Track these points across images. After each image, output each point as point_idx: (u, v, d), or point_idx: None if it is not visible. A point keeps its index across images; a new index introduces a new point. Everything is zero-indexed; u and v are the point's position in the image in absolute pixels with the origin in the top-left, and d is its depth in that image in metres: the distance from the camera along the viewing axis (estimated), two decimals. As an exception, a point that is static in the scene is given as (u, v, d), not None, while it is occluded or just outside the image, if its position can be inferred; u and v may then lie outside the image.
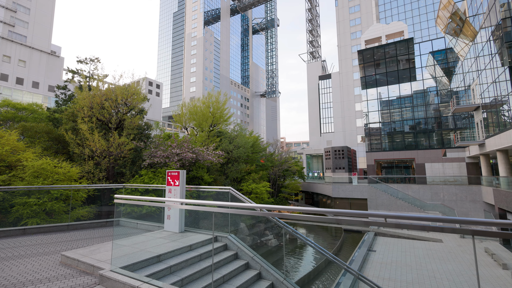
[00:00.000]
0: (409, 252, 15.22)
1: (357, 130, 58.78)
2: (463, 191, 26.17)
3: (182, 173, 6.65)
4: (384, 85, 39.60)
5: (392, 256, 14.40)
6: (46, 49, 38.37)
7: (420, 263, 12.89)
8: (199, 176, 17.28)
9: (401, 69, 38.12)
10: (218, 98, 21.92)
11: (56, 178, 10.61)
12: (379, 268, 12.38)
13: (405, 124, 37.66)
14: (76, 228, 7.51)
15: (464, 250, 14.94)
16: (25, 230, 6.83)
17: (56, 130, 14.41)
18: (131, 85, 15.36)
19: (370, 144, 40.46)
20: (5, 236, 6.61)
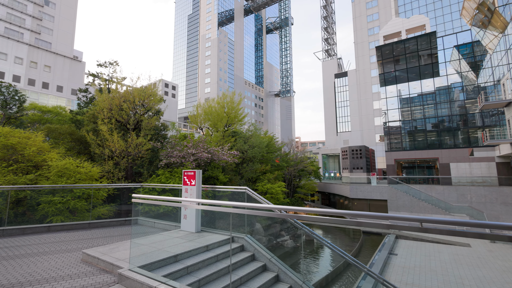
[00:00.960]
0: (433, 257, 14.49)
1: (375, 129, 57.12)
2: (493, 193, 24.60)
3: (198, 173, 6.62)
4: (405, 82, 38.12)
5: (415, 261, 13.77)
6: (69, 55, 40.15)
7: (446, 269, 12.22)
8: (215, 176, 17.34)
9: (422, 64, 36.54)
10: (232, 98, 21.96)
11: (79, 177, 10.95)
12: (401, 273, 11.85)
13: (427, 122, 36.06)
14: (97, 226, 7.68)
15: (495, 256, 14.03)
16: (50, 228, 7.07)
17: (78, 132, 14.94)
18: (148, 86, 15.68)
19: (390, 143, 39.11)
20: (31, 233, 6.86)
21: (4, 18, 34.15)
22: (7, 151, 10.72)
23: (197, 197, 6.50)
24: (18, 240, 6.19)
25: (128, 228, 7.53)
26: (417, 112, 37.23)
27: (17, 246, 5.82)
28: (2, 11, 34.11)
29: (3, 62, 32.56)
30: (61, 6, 40.59)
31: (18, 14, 35.51)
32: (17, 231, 6.73)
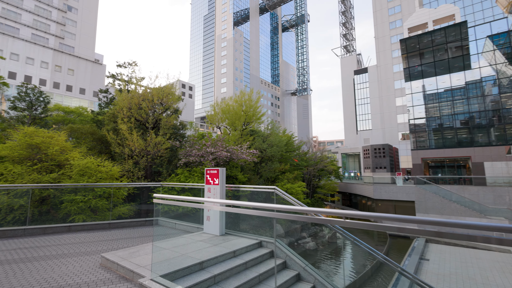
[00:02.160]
0: (471, 263, 13.26)
1: (398, 127, 54.84)
2: None
3: (222, 171, 6.14)
4: (432, 76, 35.97)
5: (450, 267, 12.63)
6: (90, 58, 41.44)
7: (487, 277, 11.06)
8: (233, 175, 16.94)
9: (451, 57, 34.28)
10: (250, 96, 21.48)
11: (100, 176, 10.87)
12: (436, 280, 10.85)
13: (456, 118, 33.78)
14: (117, 227, 7.41)
15: (547, 264, 12.60)
16: (70, 227, 6.87)
17: (99, 131, 15.03)
18: (166, 85, 15.54)
19: (416, 142, 37.06)
20: (52, 233, 6.68)
21: (31, 25, 35.79)
22: (32, 150, 10.81)
23: (221, 197, 6.03)
24: (38, 240, 5.99)
25: (148, 229, 7.20)
26: (445, 108, 34.99)
27: (37, 247, 5.59)
28: (29, 18, 35.81)
29: (31, 66, 34.09)
30: (83, 11, 42.04)
31: (43, 20, 37.10)
32: (38, 231, 6.56)
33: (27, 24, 35.17)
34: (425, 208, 26.65)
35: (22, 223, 9.53)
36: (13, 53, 33.24)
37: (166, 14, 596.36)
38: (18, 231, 6.36)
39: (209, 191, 6.21)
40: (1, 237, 6.25)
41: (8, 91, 14.69)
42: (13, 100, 14.06)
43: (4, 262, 4.75)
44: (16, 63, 32.60)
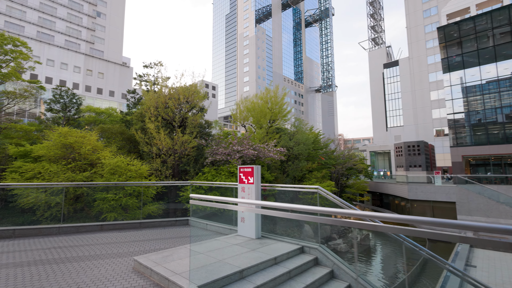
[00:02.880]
0: None
1: (433, 123, 51.22)
2: None
3: (257, 169, 5.65)
4: (474, 66, 32.89)
5: (502, 275, 11.19)
6: (118, 61, 43.16)
7: None
8: (261, 174, 16.49)
9: (498, 44, 31.08)
10: (276, 92, 20.86)
11: (129, 175, 10.89)
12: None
13: (503, 112, 30.60)
14: (148, 226, 7.21)
15: None
16: (103, 226, 6.76)
17: (128, 131, 15.27)
18: (192, 84, 15.42)
19: (456, 138, 34.19)
20: (85, 231, 6.60)
21: (64, 32, 37.96)
22: (66, 149, 11.08)
23: (256, 197, 5.54)
24: (72, 240, 5.89)
25: (179, 230, 6.90)
26: (490, 101, 31.74)
27: (70, 246, 5.47)
28: (62, 25, 38.04)
29: (65, 71, 36.17)
30: (111, 16, 43.89)
31: (75, 27, 39.21)
32: (72, 229, 6.51)
33: (60, 31, 37.38)
34: (468, 209, 24.46)
35: (58, 220, 9.75)
36: (49, 59, 35.45)
37: (188, 16, 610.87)
38: (53, 229, 6.34)
39: (243, 191, 5.74)
40: (37, 235, 6.25)
41: (44, 94, 15.36)
42: (49, 102, 14.64)
43: (38, 262, 4.62)
44: (52, 69, 34.74)
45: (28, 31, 34.97)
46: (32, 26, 35.49)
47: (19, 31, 32.98)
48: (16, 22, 33.82)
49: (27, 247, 5.35)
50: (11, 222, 10.26)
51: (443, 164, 47.60)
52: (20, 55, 12.36)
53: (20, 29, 33.70)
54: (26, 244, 5.55)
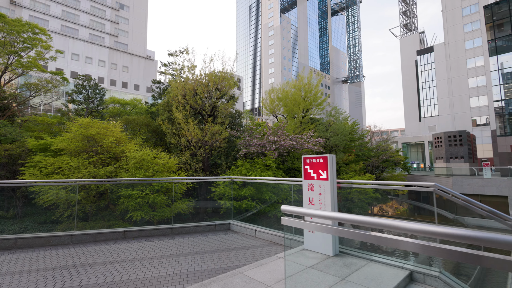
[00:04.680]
0: None
1: (471, 112, 47.37)
2: None
3: (331, 159, 4.06)
4: (527, 46, 29.13)
5: None
6: (142, 54, 42.84)
7: None
8: (295, 167, 14.91)
9: None
10: (310, 79, 19.00)
11: (156, 169, 9.74)
12: None
13: None
14: (181, 232, 5.87)
15: None
16: (126, 233, 5.48)
17: (153, 122, 14.25)
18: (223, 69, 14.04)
19: (504, 127, 30.75)
20: (104, 240, 5.36)
21: (88, 25, 38.03)
22: (88, 142, 10.11)
23: (332, 199, 3.96)
24: (86, 253, 4.64)
25: (220, 238, 5.49)
26: None
27: (82, 265, 4.15)
28: (86, 19, 38.11)
29: (89, 65, 36.32)
30: (134, 9, 43.51)
31: (99, 20, 39.17)
32: (88, 238, 5.28)
33: (84, 25, 37.43)
34: (525, 205, 21.64)
35: (80, 219, 8.80)
36: (74, 53, 35.66)
37: (212, 7, 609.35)
38: (65, 238, 5.13)
39: (311, 189, 4.18)
40: (45, 245, 5.03)
41: (68, 86, 14.68)
42: (71, 93, 13.88)
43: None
44: (76, 63, 34.95)
45: (52, 25, 35.24)
46: (56, 20, 35.73)
47: (43, 25, 33.27)
48: (40, 16, 34.17)
49: (26, 266, 4.10)
50: (32, 221, 9.51)
51: (482, 155, 44.13)
52: (39, 42, 11.50)
53: (44, 23, 34.03)
54: (27, 260, 4.31)
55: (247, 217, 7.53)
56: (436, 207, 3.82)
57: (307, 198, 4.25)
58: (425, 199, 34.06)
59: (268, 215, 12.78)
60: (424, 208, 31.81)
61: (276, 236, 5.07)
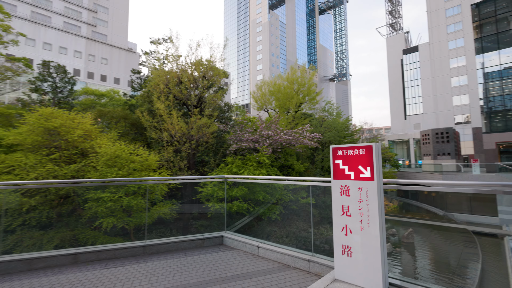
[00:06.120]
0: None
1: (454, 110, 48.85)
2: None
3: (376, 149, 2.84)
4: (510, 46, 29.63)
5: None
6: (124, 46, 40.12)
7: None
8: (289, 164, 13.81)
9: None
10: (303, 72, 17.90)
11: (133, 167, 8.25)
12: None
13: None
14: (158, 251, 4.45)
15: None
16: (77, 257, 3.95)
17: (132, 115, 12.62)
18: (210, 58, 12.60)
19: (490, 124, 31.24)
20: (44, 267, 3.82)
21: (62, 13, 34.95)
22: (49, 136, 8.43)
23: (379, 209, 2.74)
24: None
25: (211, 259, 4.15)
26: None
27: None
28: (60, 5, 34.95)
29: (64, 56, 33.39)
30: (115, -3, 40.70)
31: (74, 7, 36.11)
32: (21, 266, 3.74)
33: (58, 12, 34.30)
34: (511, 200, 21.85)
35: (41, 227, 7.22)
36: (46, 42, 32.63)
37: (199, 2, 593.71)
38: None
39: (346, 194, 2.95)
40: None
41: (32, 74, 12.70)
42: (34, 81, 11.94)
43: None
44: (49, 53, 31.98)
45: (21, 11, 31.87)
46: (26, 5, 32.29)
47: (10, 10, 30.04)
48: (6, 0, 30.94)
49: None
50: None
51: (464, 152, 45.51)
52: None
53: (11, 8, 30.73)
54: None
55: (244, 226, 6.25)
56: None
57: (339, 206, 3.01)
58: (413, 196, 34.22)
59: (262, 217, 11.54)
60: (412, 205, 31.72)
61: (288, 256, 3.81)
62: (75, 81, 13.43)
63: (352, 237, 2.89)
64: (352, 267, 2.87)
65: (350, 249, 2.89)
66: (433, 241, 18.28)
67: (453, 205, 26.30)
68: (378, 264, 2.69)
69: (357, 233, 2.85)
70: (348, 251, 2.90)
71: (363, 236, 2.80)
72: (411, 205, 32.35)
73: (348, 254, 2.89)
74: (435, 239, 18.79)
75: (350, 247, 2.89)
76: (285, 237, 11.11)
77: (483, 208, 24.04)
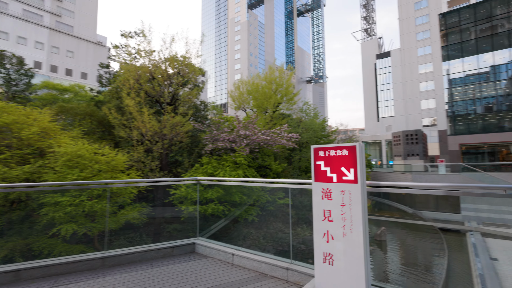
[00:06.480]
0: None
1: (422, 113, 51.85)
2: None
3: (360, 149, 2.64)
4: (473, 55, 31.92)
5: None
6: (92, 39, 37.59)
7: None
8: (266, 165, 13.61)
9: (497, 32, 30.28)
10: (281, 72, 17.82)
11: (97, 168, 7.59)
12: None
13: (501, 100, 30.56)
14: (120, 263, 3.97)
15: None
16: (19, 274, 3.36)
17: (99, 112, 11.71)
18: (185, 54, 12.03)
19: (454, 127, 33.34)
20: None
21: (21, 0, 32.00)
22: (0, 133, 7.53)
23: (363, 214, 2.54)
24: None
25: (179, 270, 3.75)
26: (488, 90, 31.26)
27: None
28: (19, -9, 31.98)
29: (23, 47, 30.46)
30: (82, -14, 37.93)
31: (36, -6, 33.28)
32: None
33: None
34: (472, 198, 23.43)
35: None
36: (1, 31, 29.62)
37: None
38: None
39: (328, 197, 2.72)
40: None
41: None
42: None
43: None
44: (5, 43, 28.96)
45: (-30, -5, 28.88)
46: (-23, -11, 29.31)
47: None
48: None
49: None
50: None
51: (431, 153, 48.32)
52: None
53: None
54: None
55: (220, 229, 5.88)
56: None
57: (320, 210, 2.77)
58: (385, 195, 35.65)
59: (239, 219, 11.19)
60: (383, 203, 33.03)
61: (265, 265, 3.52)
62: (33, 73, 12.21)
63: (334, 244, 2.66)
64: (334, 276, 2.64)
65: (331, 257, 2.66)
66: (404, 238, 19.03)
67: (421, 203, 27.65)
68: (362, 272, 2.48)
69: (340, 239, 2.63)
70: (330, 259, 2.67)
71: (346, 243, 2.58)
72: (383, 203, 33.68)
73: (329, 262, 2.66)
74: (406, 236, 19.59)
75: (332, 255, 2.66)
76: (262, 238, 10.85)
77: (448, 206, 25.60)
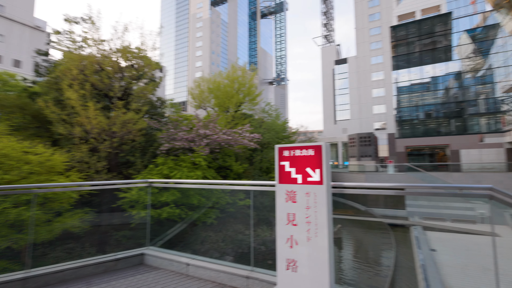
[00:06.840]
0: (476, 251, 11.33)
1: (374, 117, 55.93)
2: (510, 178, 23.19)
3: (326, 149, 2.46)
4: (417, 66, 35.66)
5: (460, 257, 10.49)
6: (29, 23, 32.85)
7: (501, 266, 9.07)
8: (227, 165, 13.28)
9: (436, 47, 34.40)
10: (244, 72, 17.60)
11: (28, 170, 6.50)
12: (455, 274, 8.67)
13: (439, 107, 34.71)
14: (48, 284, 3.27)
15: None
16: None
17: (34, 105, 10.15)
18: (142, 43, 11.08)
19: (401, 130, 36.70)
20: None
21: None
22: None
23: (327, 216, 2.36)
24: None
25: (121, 285, 3.24)
26: (429, 98, 35.32)
27: None
28: None
29: None
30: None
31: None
32: None
33: None
34: (414, 196, 26.13)
35: None
36: None
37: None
38: None
39: (293, 200, 2.50)
40: None
41: None
42: None
43: None
44: None
45: None
46: None
47: None
48: None
49: None
50: None
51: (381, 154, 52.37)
52: None
53: None
54: None
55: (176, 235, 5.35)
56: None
57: (284, 214, 2.53)
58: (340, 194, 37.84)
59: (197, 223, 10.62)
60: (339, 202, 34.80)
61: (223, 274, 3.18)
62: None
63: (298, 250, 2.44)
64: (297, 283, 2.42)
65: (295, 263, 2.43)
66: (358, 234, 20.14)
67: (372, 201, 29.66)
68: (326, 279, 2.30)
69: (304, 244, 2.42)
70: (293, 266, 2.44)
71: (311, 248, 2.38)
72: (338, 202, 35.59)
73: (293, 269, 2.43)
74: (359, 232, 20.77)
75: (296, 261, 2.43)
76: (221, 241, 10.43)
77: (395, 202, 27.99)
